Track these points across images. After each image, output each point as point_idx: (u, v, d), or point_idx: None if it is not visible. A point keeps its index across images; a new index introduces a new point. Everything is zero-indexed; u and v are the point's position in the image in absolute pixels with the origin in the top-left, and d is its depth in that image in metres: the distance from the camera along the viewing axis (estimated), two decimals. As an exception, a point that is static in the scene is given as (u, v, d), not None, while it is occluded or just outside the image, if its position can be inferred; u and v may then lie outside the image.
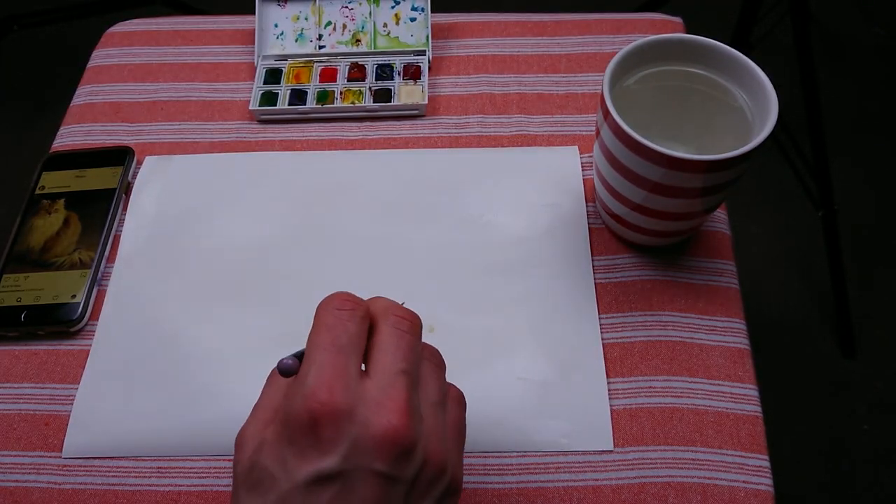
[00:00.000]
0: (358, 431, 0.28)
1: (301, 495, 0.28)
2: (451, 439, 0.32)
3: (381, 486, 0.29)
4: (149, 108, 0.62)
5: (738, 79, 0.47)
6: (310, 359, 0.30)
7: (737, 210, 1.36)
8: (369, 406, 0.29)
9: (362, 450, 0.28)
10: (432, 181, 0.56)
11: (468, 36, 0.65)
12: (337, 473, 0.28)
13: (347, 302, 0.32)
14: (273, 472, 0.29)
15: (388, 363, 0.31)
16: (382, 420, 0.29)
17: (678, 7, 0.94)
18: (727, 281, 0.51)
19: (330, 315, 0.31)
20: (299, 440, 0.29)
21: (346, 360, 0.30)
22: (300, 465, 0.28)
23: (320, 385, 0.29)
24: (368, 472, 0.28)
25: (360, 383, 0.30)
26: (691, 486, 0.43)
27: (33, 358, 0.49)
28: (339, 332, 0.30)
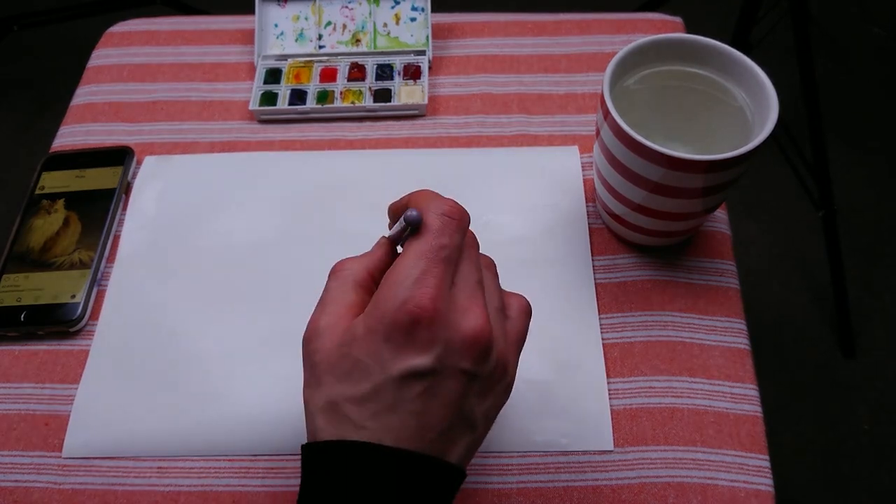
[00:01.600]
0: (450, 335, 0.31)
1: (394, 387, 0.31)
2: (512, 343, 0.35)
3: (465, 381, 0.32)
4: (149, 108, 0.62)
5: (738, 79, 0.47)
6: (414, 262, 0.32)
7: (737, 210, 1.37)
8: (458, 312, 0.32)
9: (453, 351, 0.31)
10: (432, 181, 0.56)
11: (468, 36, 0.65)
12: (429, 371, 0.31)
13: (456, 210, 0.34)
14: (368, 363, 0.32)
15: (469, 273, 0.34)
16: (471, 324, 0.32)
17: (678, 7, 0.94)
18: (727, 281, 0.51)
19: (438, 220, 0.33)
20: (396, 338, 0.31)
21: (448, 270, 0.33)
22: (396, 361, 0.31)
23: (424, 293, 0.31)
24: (456, 369, 0.32)
25: (451, 292, 0.33)
26: (691, 486, 0.43)
27: (33, 358, 0.49)
28: (445, 242, 0.33)
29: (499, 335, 0.34)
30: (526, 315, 0.37)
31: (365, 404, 0.32)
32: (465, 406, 0.33)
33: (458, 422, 0.32)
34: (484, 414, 0.34)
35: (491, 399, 0.34)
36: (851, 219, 1.36)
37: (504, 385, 0.35)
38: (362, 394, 0.32)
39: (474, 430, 0.34)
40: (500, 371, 0.34)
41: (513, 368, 0.35)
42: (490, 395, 0.34)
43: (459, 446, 0.33)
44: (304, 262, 0.52)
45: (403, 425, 0.31)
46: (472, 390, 0.33)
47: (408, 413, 0.31)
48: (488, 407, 0.34)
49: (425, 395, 0.31)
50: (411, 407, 0.31)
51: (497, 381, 0.34)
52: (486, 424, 0.34)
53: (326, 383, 0.33)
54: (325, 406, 0.33)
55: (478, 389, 0.33)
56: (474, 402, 0.33)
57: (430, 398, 0.31)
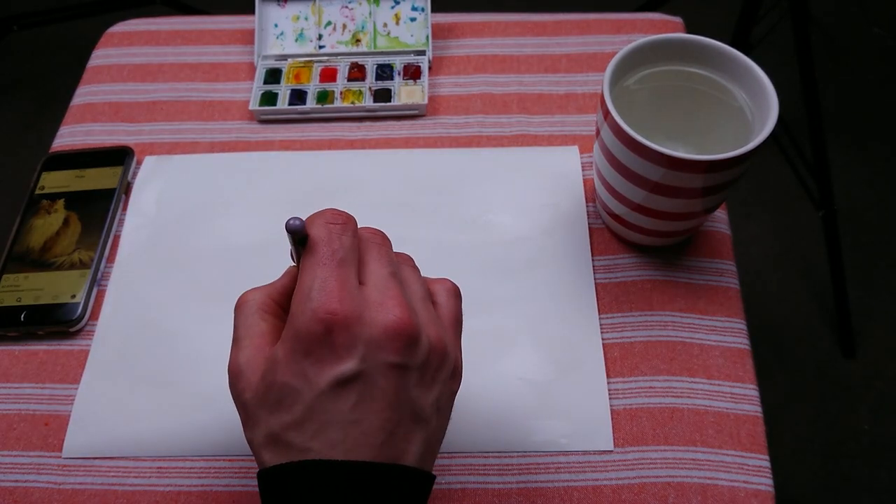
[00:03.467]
0: (368, 332, 0.31)
1: (327, 400, 0.30)
2: (449, 327, 0.35)
3: (397, 375, 0.31)
4: (149, 108, 0.62)
5: (738, 79, 0.47)
6: (312, 273, 0.32)
7: (737, 210, 1.37)
8: (372, 308, 0.31)
9: (375, 347, 0.31)
10: (432, 181, 0.56)
11: (468, 36, 0.65)
12: (357, 374, 0.31)
13: (338, 216, 0.34)
14: (294, 385, 0.31)
15: (377, 269, 0.33)
16: (388, 316, 0.31)
17: (678, 7, 0.94)
18: (727, 281, 0.51)
19: (323, 229, 0.33)
20: (316, 351, 0.30)
21: (347, 271, 0.32)
22: (321, 373, 0.30)
23: (329, 297, 0.31)
24: (384, 365, 0.31)
25: (360, 291, 0.32)
26: (691, 486, 0.43)
27: (33, 358, 0.49)
28: (336, 247, 0.32)
29: (427, 321, 0.33)
30: (454, 297, 0.36)
31: (303, 426, 0.31)
32: (407, 400, 0.32)
33: (403, 419, 0.32)
34: (433, 404, 0.33)
35: (437, 388, 0.33)
36: (851, 219, 1.36)
37: (448, 370, 0.34)
38: (296, 417, 0.31)
39: (427, 424, 0.33)
40: (438, 357, 0.33)
41: (453, 351, 0.34)
42: (435, 385, 0.33)
43: (414, 444, 0.32)
44: (304, 262, 0.52)
45: (347, 437, 0.30)
46: (410, 382, 0.32)
47: (348, 423, 0.30)
48: (437, 396, 0.33)
49: (360, 400, 0.31)
50: (350, 416, 0.30)
51: (437, 367, 0.33)
52: (440, 415, 0.34)
53: (261, 419, 0.32)
54: (266, 440, 0.32)
55: (416, 380, 0.32)
56: (417, 393, 0.32)
57: (366, 402, 0.31)
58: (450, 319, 0.35)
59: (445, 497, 0.43)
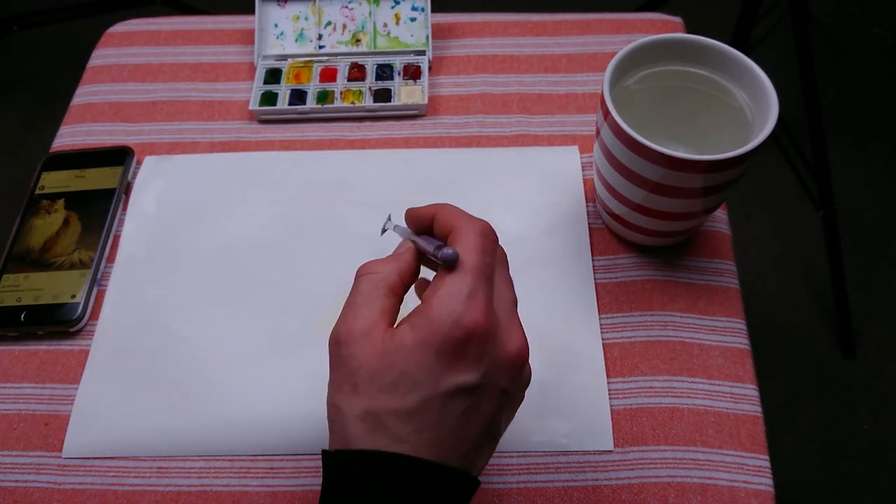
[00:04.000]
0: (496, 352, 0.32)
1: (441, 402, 0.31)
2: None
3: (501, 399, 0.33)
4: (149, 108, 0.62)
5: (738, 79, 0.47)
6: (463, 280, 0.32)
7: (737, 210, 1.37)
8: (503, 331, 0.33)
9: (497, 369, 0.32)
10: (432, 181, 0.56)
11: (468, 36, 0.65)
12: (475, 387, 0.32)
13: (491, 230, 0.35)
14: (417, 377, 0.31)
15: (505, 293, 0.35)
16: (515, 344, 0.33)
17: (678, 7, 0.94)
18: (727, 281, 0.51)
19: (479, 239, 0.34)
20: (449, 353, 0.31)
21: (491, 287, 0.33)
22: (446, 376, 0.31)
23: (476, 308, 0.32)
24: (497, 387, 0.33)
25: (495, 309, 0.33)
26: (691, 486, 0.43)
27: (33, 358, 0.49)
28: (489, 262, 0.34)
29: None
30: None
31: (410, 417, 0.31)
32: (497, 423, 0.33)
33: (488, 438, 0.33)
34: (505, 426, 0.35)
35: (514, 412, 0.35)
36: (851, 219, 1.36)
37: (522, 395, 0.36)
38: (408, 407, 0.31)
39: (496, 441, 0.34)
40: (525, 385, 0.35)
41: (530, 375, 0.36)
42: (514, 409, 0.35)
43: (484, 459, 0.34)
44: (305, 262, 0.52)
45: (444, 440, 0.31)
46: (505, 407, 0.34)
47: (450, 428, 0.32)
48: (509, 419, 0.35)
49: (468, 411, 0.32)
50: (454, 423, 0.32)
51: (521, 393, 0.35)
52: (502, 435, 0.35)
53: (366, 392, 0.32)
54: (364, 416, 0.32)
55: (508, 405, 0.34)
56: (503, 417, 0.34)
57: (471, 414, 0.32)
58: None
59: (445, 497, 0.43)
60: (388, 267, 0.35)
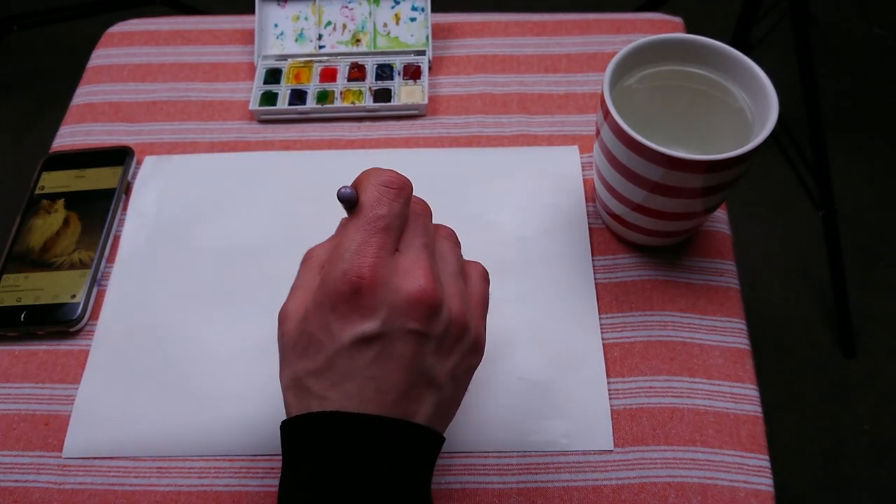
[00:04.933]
0: (393, 297, 0.33)
1: (347, 355, 0.33)
2: (474, 305, 0.36)
3: (415, 341, 0.33)
4: (149, 108, 0.62)
5: (738, 79, 0.47)
6: (351, 235, 0.33)
7: (737, 210, 1.37)
8: (400, 275, 0.33)
9: (398, 312, 0.33)
10: (432, 181, 0.56)
11: (468, 36, 0.65)
12: (377, 335, 0.32)
13: (395, 180, 0.35)
14: (319, 336, 0.33)
15: (412, 238, 0.35)
16: (413, 285, 0.33)
17: (678, 7, 0.94)
18: (727, 281, 0.51)
19: (375, 191, 0.34)
20: (341, 308, 0.32)
21: (387, 238, 0.33)
22: (344, 329, 0.33)
23: (362, 262, 0.32)
24: (404, 330, 0.33)
25: (393, 258, 0.34)
26: (691, 486, 0.43)
27: (33, 358, 0.49)
28: (383, 212, 0.34)
29: (452, 294, 0.35)
30: (483, 279, 0.38)
31: (323, 375, 0.33)
32: (423, 366, 0.33)
33: (417, 382, 0.33)
34: (449, 373, 0.35)
35: (454, 358, 0.35)
36: (851, 219, 1.36)
37: (468, 344, 0.35)
38: (319, 366, 0.33)
39: (440, 390, 0.34)
40: (457, 329, 0.34)
41: (476, 327, 0.36)
42: (452, 355, 0.35)
43: (424, 406, 0.34)
44: (304, 262, 0.52)
45: (362, 390, 0.33)
46: (427, 349, 0.33)
47: (364, 378, 0.33)
48: (452, 366, 0.35)
49: (378, 359, 0.33)
50: (367, 372, 0.33)
51: (455, 339, 0.35)
52: (454, 384, 0.35)
53: (290, 362, 0.35)
54: (291, 383, 0.35)
55: (433, 348, 0.34)
56: (432, 361, 0.34)
57: (383, 361, 0.33)
58: (476, 297, 0.37)
59: (445, 497, 0.43)
60: (321, 248, 0.37)
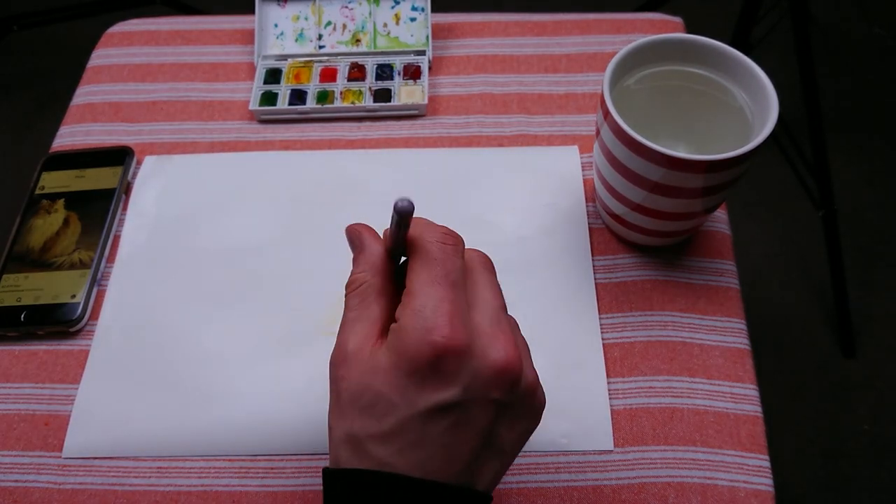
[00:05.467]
0: (476, 365, 0.30)
1: (420, 423, 0.30)
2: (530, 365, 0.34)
3: (494, 411, 0.31)
4: (149, 108, 0.62)
5: (738, 79, 0.47)
6: (426, 292, 0.31)
7: (737, 210, 1.37)
8: (483, 340, 0.31)
9: (481, 381, 0.30)
10: (432, 181, 0.56)
11: (468, 36, 0.65)
12: (456, 403, 0.30)
13: (450, 237, 0.33)
14: (392, 398, 0.30)
15: (489, 299, 0.32)
16: (500, 353, 0.30)
17: (678, 7, 0.94)
18: (727, 281, 0.51)
19: (437, 248, 0.32)
20: (421, 371, 0.30)
21: (460, 295, 0.31)
22: (421, 395, 0.30)
23: (443, 320, 0.30)
24: (486, 400, 0.30)
25: (470, 318, 0.31)
26: (691, 486, 0.43)
27: (33, 358, 0.49)
28: (450, 268, 0.32)
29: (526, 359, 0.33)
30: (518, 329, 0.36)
31: (389, 441, 0.30)
32: (495, 435, 0.32)
33: (486, 450, 0.31)
34: (514, 440, 0.33)
35: (521, 425, 0.33)
36: (851, 219, 1.36)
37: (533, 407, 0.33)
38: (386, 430, 0.30)
39: (502, 457, 0.32)
40: (530, 397, 0.33)
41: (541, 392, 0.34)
42: (521, 421, 0.33)
43: (487, 474, 0.32)
44: (305, 262, 0.52)
45: (430, 459, 0.30)
46: (503, 419, 0.32)
47: (434, 447, 0.30)
48: (519, 433, 0.33)
49: (453, 428, 0.30)
50: (438, 441, 0.30)
51: (528, 406, 0.33)
52: (514, 450, 0.33)
53: (349, 415, 0.31)
54: (347, 439, 0.31)
55: (507, 417, 0.32)
56: (505, 429, 0.32)
57: (457, 431, 0.30)
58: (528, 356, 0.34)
59: (445, 497, 0.43)
60: (369, 272, 0.34)
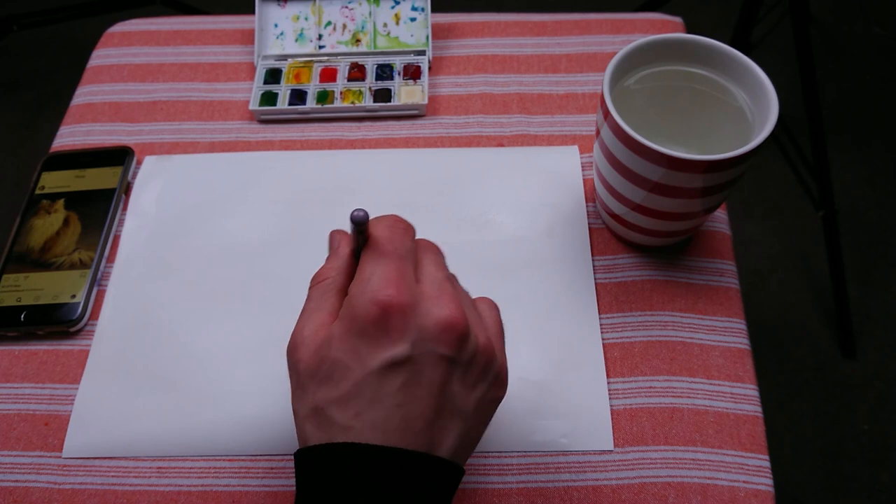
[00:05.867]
0: (422, 322, 0.32)
1: (375, 381, 0.32)
2: (494, 334, 0.36)
3: (445, 367, 0.32)
4: (149, 108, 0.62)
5: (738, 79, 0.47)
6: (373, 263, 0.33)
7: (737, 210, 1.37)
8: (428, 300, 0.33)
9: (427, 337, 0.32)
10: (432, 181, 0.56)
11: (468, 36, 0.65)
12: (407, 359, 0.32)
13: (400, 221, 0.36)
14: (346, 362, 0.32)
15: (433, 271, 0.35)
16: (443, 310, 0.32)
17: (678, 7, 0.94)
18: (727, 281, 0.51)
19: (386, 230, 0.35)
20: (370, 332, 0.32)
21: (406, 265, 0.34)
22: (373, 354, 0.32)
23: (388, 283, 0.32)
24: (434, 356, 0.32)
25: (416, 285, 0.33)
26: (691, 486, 0.43)
27: (33, 358, 0.49)
28: (397, 244, 0.34)
29: (475, 323, 0.34)
30: (495, 310, 0.37)
31: (348, 403, 0.32)
32: (450, 393, 0.33)
33: (444, 410, 0.33)
34: (475, 404, 0.34)
35: (481, 389, 0.34)
36: (851, 219, 1.36)
37: (493, 374, 0.35)
38: (344, 393, 0.32)
39: (465, 420, 0.34)
40: (484, 359, 0.34)
41: (500, 358, 0.35)
42: (479, 384, 0.34)
43: (449, 437, 0.33)
44: (305, 262, 0.52)
45: (388, 419, 0.32)
46: (455, 377, 0.33)
47: (391, 406, 0.32)
48: (478, 397, 0.34)
49: (407, 385, 0.32)
50: (394, 399, 0.32)
51: (482, 369, 0.34)
52: (479, 416, 0.35)
53: (310, 390, 0.33)
54: (311, 412, 0.33)
55: (461, 376, 0.33)
56: (459, 389, 0.33)
57: (411, 387, 0.32)
58: (495, 328, 0.36)
59: (445, 497, 0.43)
60: (334, 270, 0.36)
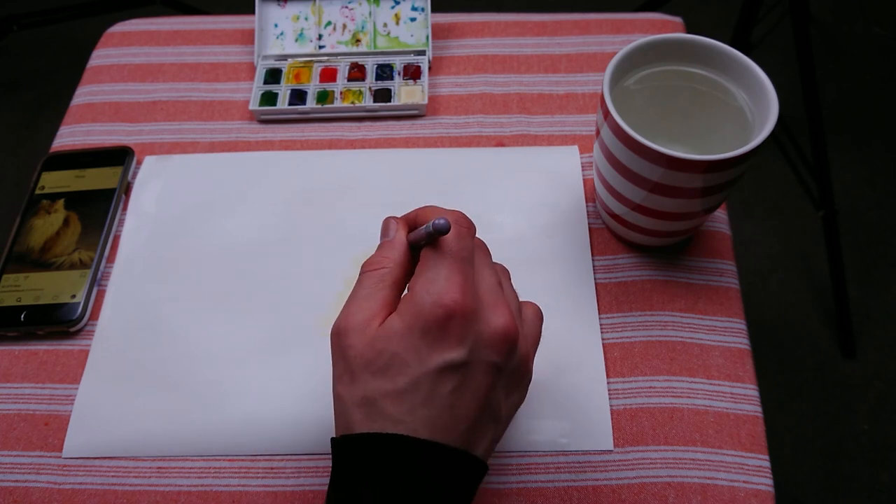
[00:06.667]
0: (480, 329, 0.33)
1: (431, 381, 0.33)
2: (531, 343, 0.37)
3: (493, 375, 0.34)
4: (149, 108, 0.62)
5: (738, 79, 0.47)
6: (439, 264, 0.34)
7: (737, 210, 1.37)
8: (486, 308, 0.34)
9: (483, 344, 0.33)
10: (432, 181, 0.56)
11: (468, 36, 0.65)
12: (463, 363, 0.33)
13: (464, 219, 0.36)
14: (406, 358, 0.33)
15: (487, 276, 0.36)
16: (500, 320, 0.34)
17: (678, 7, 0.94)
18: (727, 281, 0.51)
19: (456, 227, 0.35)
20: (433, 332, 0.33)
21: (469, 268, 0.35)
22: (432, 355, 0.33)
23: (454, 287, 0.33)
24: (486, 363, 0.34)
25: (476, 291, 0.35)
26: (691, 486, 0.43)
27: (33, 358, 0.49)
28: (462, 246, 0.35)
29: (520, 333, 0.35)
30: (539, 319, 0.39)
31: (403, 398, 0.33)
32: (493, 399, 0.34)
33: (485, 415, 0.34)
34: (507, 409, 0.36)
35: (515, 395, 0.36)
36: (851, 219, 1.36)
37: (525, 382, 0.37)
38: (400, 388, 0.33)
39: (498, 424, 0.35)
40: (524, 367, 0.36)
41: (532, 367, 0.37)
42: (514, 391, 0.36)
43: (485, 440, 0.34)
44: (304, 262, 0.52)
45: (438, 418, 0.33)
46: (500, 384, 0.34)
47: (443, 406, 0.33)
48: (512, 402, 0.36)
49: (458, 388, 0.33)
50: (446, 400, 0.33)
51: (521, 377, 0.36)
52: (507, 420, 0.36)
53: (362, 379, 0.34)
54: (361, 401, 0.34)
55: (504, 383, 0.35)
56: (500, 396, 0.35)
57: (462, 391, 0.33)
58: (533, 338, 0.37)
59: (445, 497, 0.43)
60: (391, 261, 0.37)
